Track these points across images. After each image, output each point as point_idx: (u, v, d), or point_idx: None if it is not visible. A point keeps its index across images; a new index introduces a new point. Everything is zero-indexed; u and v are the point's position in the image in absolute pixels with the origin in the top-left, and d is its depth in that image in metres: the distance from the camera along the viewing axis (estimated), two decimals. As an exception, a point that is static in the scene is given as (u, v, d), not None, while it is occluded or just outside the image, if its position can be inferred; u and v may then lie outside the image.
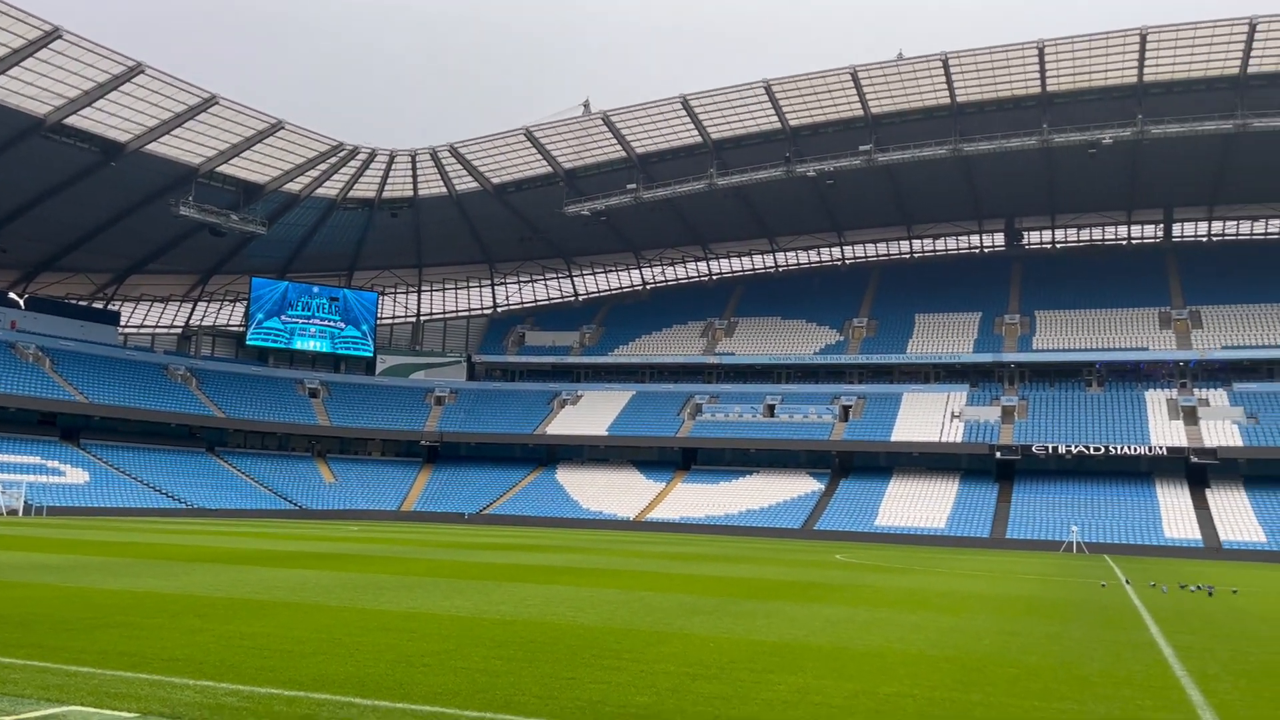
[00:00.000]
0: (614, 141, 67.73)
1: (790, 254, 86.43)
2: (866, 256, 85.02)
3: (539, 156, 69.79)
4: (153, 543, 31.43)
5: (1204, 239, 77.33)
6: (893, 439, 66.83)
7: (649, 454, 74.38)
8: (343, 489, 74.08)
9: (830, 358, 75.59)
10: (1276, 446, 58.70)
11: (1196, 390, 65.26)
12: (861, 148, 62.94)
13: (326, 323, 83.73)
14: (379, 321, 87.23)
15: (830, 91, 61.55)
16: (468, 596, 17.75)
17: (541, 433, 75.24)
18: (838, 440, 68.36)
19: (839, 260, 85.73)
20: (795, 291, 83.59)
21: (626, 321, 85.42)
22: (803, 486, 67.15)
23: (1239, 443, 59.63)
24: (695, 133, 66.36)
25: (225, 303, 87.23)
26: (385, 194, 74.92)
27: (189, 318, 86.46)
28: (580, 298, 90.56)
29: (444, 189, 74.15)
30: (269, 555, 27.31)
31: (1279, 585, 29.39)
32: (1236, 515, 55.99)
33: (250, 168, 66.95)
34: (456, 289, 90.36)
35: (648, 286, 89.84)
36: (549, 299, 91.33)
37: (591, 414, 76.18)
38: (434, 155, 70.41)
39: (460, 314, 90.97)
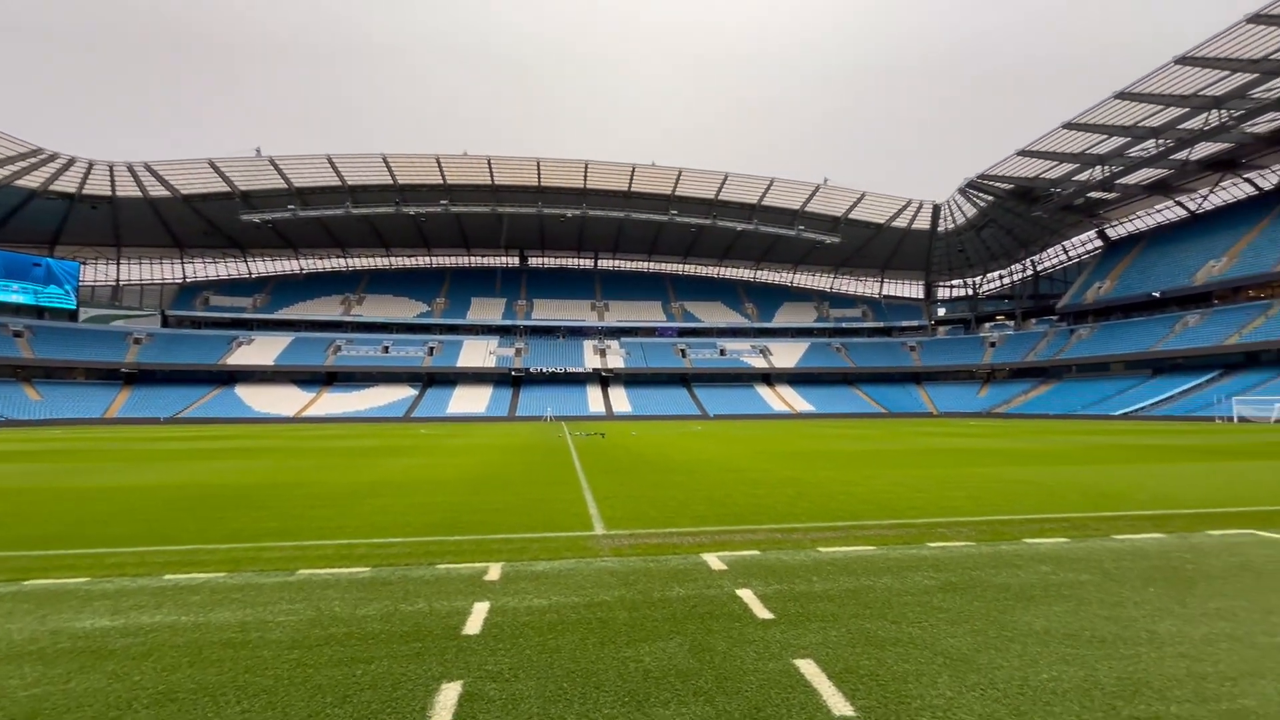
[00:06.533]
0: (278, 177, 56.97)
1: (399, 258, 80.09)
2: (444, 263, 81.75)
3: (220, 180, 56.33)
4: None
5: (612, 267, 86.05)
6: (458, 365, 65.70)
7: (304, 376, 64.77)
8: (48, 404, 54.06)
9: (423, 319, 71.53)
10: (637, 368, 68.17)
11: (606, 341, 72.98)
12: (442, 201, 60.23)
13: (30, 281, 59.93)
14: (81, 284, 64.10)
15: (425, 165, 57.73)
16: (154, 472, 14.12)
17: (223, 363, 61.75)
18: (427, 367, 65.48)
19: (429, 264, 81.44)
20: (403, 280, 77.43)
21: (288, 292, 72.70)
22: (405, 393, 63.39)
23: (623, 366, 68.16)
24: (337, 179, 58.27)
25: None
26: (85, 191, 55.40)
27: None
28: (253, 276, 75.21)
29: (139, 193, 56.73)
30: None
31: (627, 430, 34.28)
32: (621, 399, 64.07)
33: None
34: (152, 264, 69.71)
35: (303, 271, 77.40)
36: (229, 276, 74.31)
37: (262, 351, 64.20)
38: (130, 169, 53.45)
39: (155, 282, 70.71)
